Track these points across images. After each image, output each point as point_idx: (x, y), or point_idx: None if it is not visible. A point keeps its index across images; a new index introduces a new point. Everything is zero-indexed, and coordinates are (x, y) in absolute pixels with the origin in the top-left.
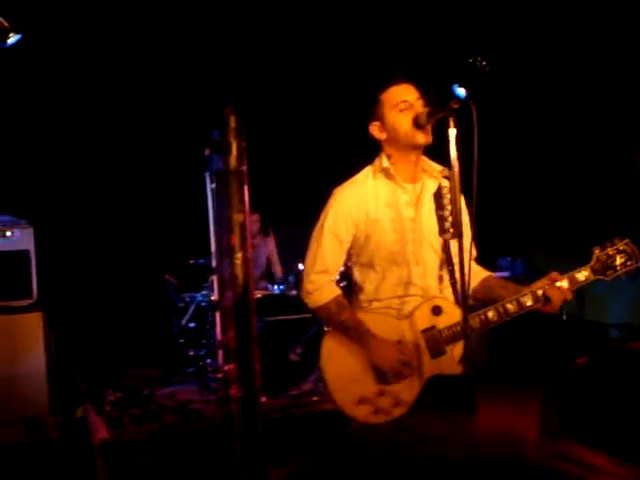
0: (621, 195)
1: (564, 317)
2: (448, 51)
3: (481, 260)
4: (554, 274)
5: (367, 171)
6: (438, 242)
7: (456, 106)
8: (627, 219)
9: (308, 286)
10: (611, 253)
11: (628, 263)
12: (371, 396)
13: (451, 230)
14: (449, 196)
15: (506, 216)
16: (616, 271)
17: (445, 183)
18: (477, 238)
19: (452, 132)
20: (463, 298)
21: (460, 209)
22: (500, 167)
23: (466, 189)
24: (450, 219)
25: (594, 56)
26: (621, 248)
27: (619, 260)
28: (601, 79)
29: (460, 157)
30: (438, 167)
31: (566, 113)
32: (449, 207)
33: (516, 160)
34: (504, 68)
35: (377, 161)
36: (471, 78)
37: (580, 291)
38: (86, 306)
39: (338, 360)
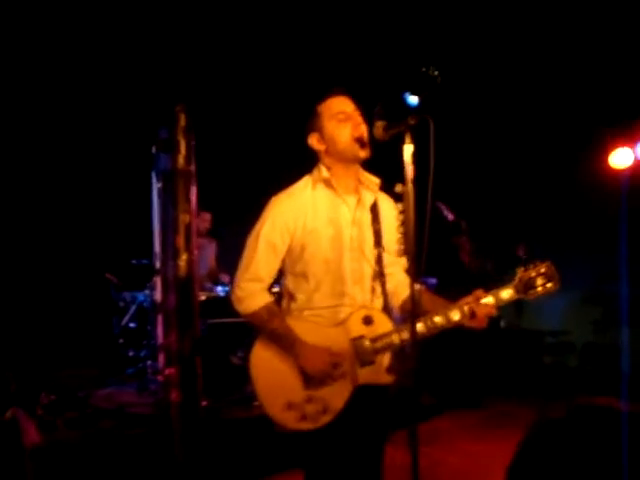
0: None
1: (502, 324)
2: (400, 60)
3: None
4: (479, 291)
5: (306, 181)
6: (373, 255)
7: (413, 122)
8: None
9: (238, 293)
10: (533, 275)
11: (547, 285)
12: (299, 402)
13: (400, 247)
14: (385, 211)
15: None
16: (536, 291)
17: (382, 196)
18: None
19: (408, 148)
20: (412, 314)
21: (413, 227)
22: (450, 178)
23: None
24: (394, 235)
25: (541, 68)
26: (542, 270)
27: (540, 281)
28: (546, 94)
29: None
30: (375, 179)
31: (509, 130)
32: (388, 221)
33: (468, 170)
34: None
35: (316, 171)
36: (423, 87)
37: (518, 299)
38: (22, 304)
39: (267, 365)
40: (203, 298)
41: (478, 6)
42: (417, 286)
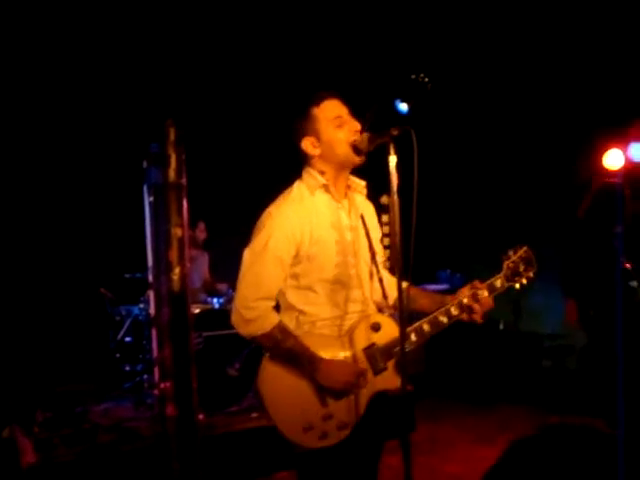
0: (558, 209)
1: (501, 327)
2: (390, 67)
3: (420, 272)
4: (476, 282)
5: (299, 187)
6: (368, 258)
7: (396, 133)
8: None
9: (248, 314)
10: (516, 260)
11: (528, 269)
12: (317, 421)
13: (386, 259)
14: (369, 214)
15: (447, 229)
16: (521, 279)
17: (364, 200)
18: (416, 250)
19: (392, 159)
20: (401, 318)
21: (399, 241)
22: (441, 181)
23: (404, 205)
24: (379, 240)
25: (528, 75)
26: (523, 255)
27: (522, 267)
28: (534, 98)
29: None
30: (361, 182)
31: (503, 129)
32: (371, 224)
33: (457, 174)
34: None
35: (308, 177)
36: (413, 94)
37: (517, 302)
38: (17, 320)
39: (279, 389)
40: (197, 311)
41: (470, 8)
42: (404, 284)
